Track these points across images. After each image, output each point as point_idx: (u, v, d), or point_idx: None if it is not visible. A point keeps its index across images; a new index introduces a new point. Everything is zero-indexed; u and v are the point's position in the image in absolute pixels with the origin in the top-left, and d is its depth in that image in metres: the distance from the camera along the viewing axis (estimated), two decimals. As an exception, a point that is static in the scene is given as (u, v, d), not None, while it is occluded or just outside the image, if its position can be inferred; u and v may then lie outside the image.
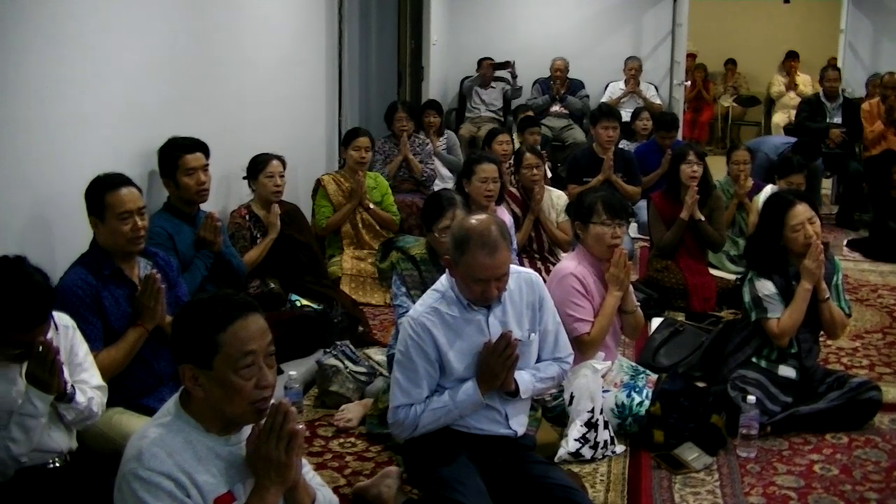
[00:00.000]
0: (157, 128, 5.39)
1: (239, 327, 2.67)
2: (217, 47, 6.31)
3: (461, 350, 3.83)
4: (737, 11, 16.47)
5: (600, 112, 8.96)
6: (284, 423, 2.72)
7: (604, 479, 4.47)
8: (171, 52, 5.64)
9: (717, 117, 16.64)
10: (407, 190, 8.73)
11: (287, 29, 7.65)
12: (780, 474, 4.54)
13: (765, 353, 5.12)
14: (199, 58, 6.02)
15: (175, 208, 5.34)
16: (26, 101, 4.28)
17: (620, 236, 5.03)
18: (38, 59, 4.35)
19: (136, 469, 2.58)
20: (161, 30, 5.53)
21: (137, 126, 5.28)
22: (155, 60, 5.45)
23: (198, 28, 6.00)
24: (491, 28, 12.82)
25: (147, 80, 5.37)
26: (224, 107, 6.40)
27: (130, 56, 5.19)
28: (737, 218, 8.05)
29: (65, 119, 4.58)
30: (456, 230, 3.82)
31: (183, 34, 5.79)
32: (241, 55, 6.70)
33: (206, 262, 5.34)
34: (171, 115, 5.60)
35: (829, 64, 12.63)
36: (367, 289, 7.07)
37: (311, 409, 5.22)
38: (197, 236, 5.35)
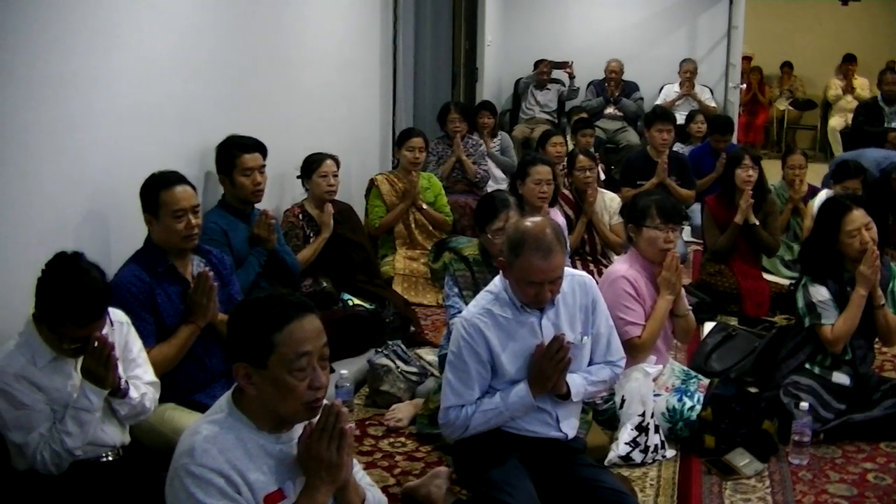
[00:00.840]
0: (213, 126, 5.43)
1: (295, 328, 2.67)
2: (273, 47, 6.35)
3: (513, 352, 3.83)
4: (794, 13, 16.33)
5: (655, 115, 8.92)
6: (336, 424, 2.72)
7: (654, 484, 4.46)
8: (226, 50, 5.68)
9: (772, 121, 16.50)
10: (460, 191, 8.73)
11: (342, 29, 7.68)
12: (832, 482, 4.51)
13: (818, 360, 5.08)
14: (254, 57, 6.06)
15: (230, 205, 5.37)
16: (82, 98, 4.32)
17: (673, 240, 5.01)
18: (94, 55, 4.39)
19: (188, 465, 2.60)
20: (217, 28, 5.57)
21: (193, 124, 5.32)
22: (210, 59, 5.49)
23: (254, 27, 6.04)
24: (545, 29, 12.80)
25: (203, 79, 5.41)
26: (279, 106, 6.44)
27: (187, 54, 5.23)
28: (791, 222, 7.99)
29: (120, 116, 4.62)
30: (511, 232, 3.82)
31: (239, 33, 5.83)
32: (297, 55, 6.74)
33: (260, 259, 5.37)
34: (227, 114, 5.65)
35: (888, 67, 12.51)
36: (419, 289, 7.08)
37: (361, 408, 5.24)
38: (251, 234, 5.38)
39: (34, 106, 4.01)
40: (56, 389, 3.52)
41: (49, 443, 3.47)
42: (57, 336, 3.45)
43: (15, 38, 3.89)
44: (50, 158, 4.13)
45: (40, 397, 3.48)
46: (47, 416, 3.50)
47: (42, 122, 4.06)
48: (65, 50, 4.20)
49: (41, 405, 3.48)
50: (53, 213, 4.17)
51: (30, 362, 3.47)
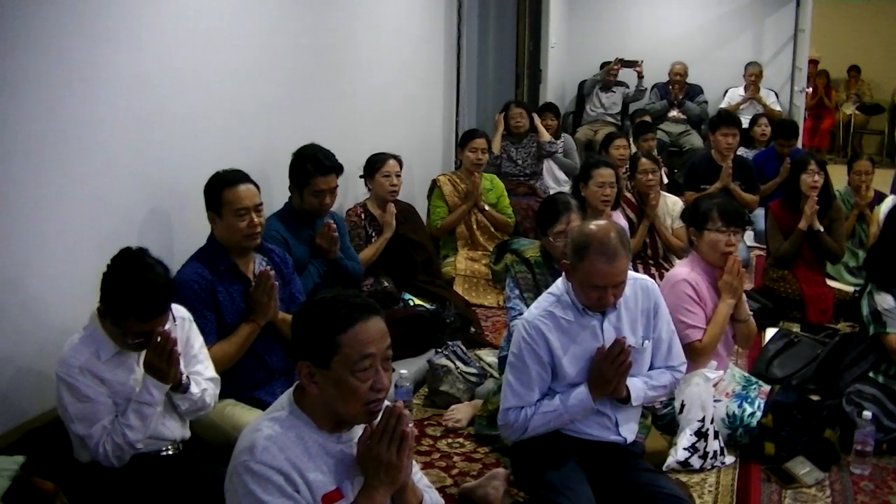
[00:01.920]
0: (277, 125, 5.49)
1: (360, 330, 2.68)
2: (337, 48, 6.40)
3: (574, 355, 3.84)
4: (861, 16, 16.13)
5: (720, 118, 8.88)
6: (397, 426, 2.73)
7: (712, 490, 4.43)
8: (293, 53, 5.74)
9: (838, 125, 16.33)
10: (522, 193, 8.73)
11: (406, 30, 7.71)
12: (895, 493, 4.45)
13: (882, 369, 5.03)
14: (319, 59, 6.11)
15: (295, 212, 5.40)
16: (148, 98, 4.39)
17: (735, 244, 4.98)
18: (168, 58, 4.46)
19: (247, 462, 2.62)
20: (283, 33, 5.63)
21: (258, 125, 5.39)
22: (278, 62, 5.55)
23: (318, 29, 6.10)
24: (609, 32, 12.76)
25: (269, 81, 5.48)
26: (343, 106, 6.49)
27: (249, 56, 5.30)
28: (857, 229, 7.90)
29: (184, 116, 4.69)
30: (576, 235, 3.82)
31: (305, 36, 5.89)
32: (361, 56, 6.79)
33: (320, 269, 5.38)
34: (291, 115, 5.71)
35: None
36: (480, 290, 7.08)
37: (420, 408, 5.26)
38: (313, 242, 5.41)
39: (107, 106, 4.09)
40: (119, 383, 3.57)
41: (111, 435, 3.52)
42: (121, 330, 3.49)
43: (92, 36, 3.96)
44: (116, 157, 4.21)
45: (103, 390, 3.54)
46: (110, 410, 3.55)
47: (112, 122, 4.14)
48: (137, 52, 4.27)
49: (104, 398, 3.54)
50: (118, 211, 4.24)
51: (94, 356, 3.53)
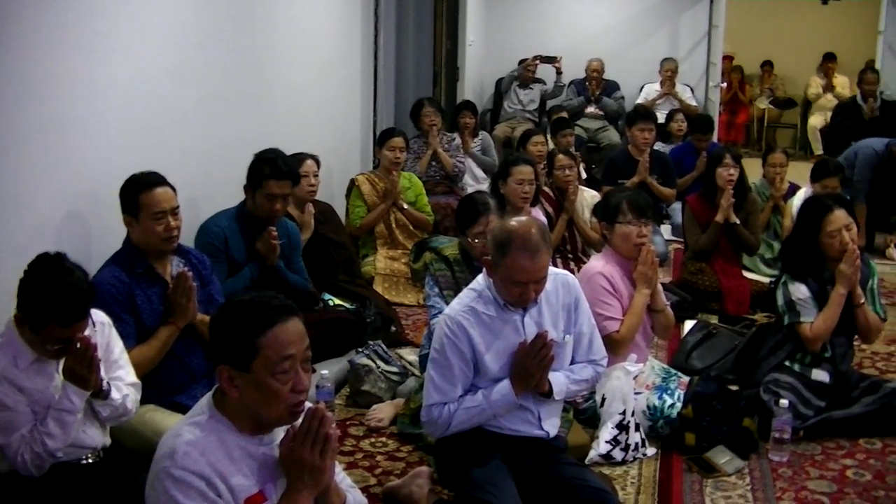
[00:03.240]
0: (194, 127, 5.44)
1: (279, 331, 2.66)
2: (254, 49, 6.35)
3: (497, 350, 3.84)
4: (774, 13, 16.36)
5: (636, 114, 8.99)
6: (320, 428, 2.71)
7: (635, 482, 4.47)
8: (208, 52, 5.67)
9: (753, 119, 16.55)
10: (441, 192, 8.75)
11: (323, 30, 7.68)
12: (812, 479, 4.53)
13: (798, 357, 5.10)
14: (236, 59, 6.06)
15: (245, 214, 5.34)
16: (64, 101, 4.32)
17: (647, 235, 5.02)
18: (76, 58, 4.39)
19: (168, 467, 2.58)
20: (197, 30, 5.56)
21: (175, 127, 5.32)
22: (191, 61, 5.49)
23: (233, 29, 6.04)
24: (527, 29, 12.82)
25: (186, 82, 5.41)
26: (261, 107, 6.44)
27: (167, 56, 5.23)
28: (772, 221, 8.02)
29: (99, 118, 4.62)
30: (497, 232, 3.82)
31: (219, 35, 5.83)
32: (278, 56, 6.74)
33: (254, 273, 5.30)
34: (209, 116, 5.66)
35: (867, 66, 12.56)
36: (400, 289, 7.08)
37: (342, 408, 5.24)
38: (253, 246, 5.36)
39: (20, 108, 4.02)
40: (38, 391, 3.51)
41: (30, 444, 3.46)
42: (39, 337, 3.43)
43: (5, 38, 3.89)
44: (31, 161, 4.14)
45: (22, 399, 3.48)
46: (29, 418, 3.49)
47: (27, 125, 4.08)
48: (52, 53, 4.20)
49: (23, 406, 3.48)
50: (34, 216, 4.18)
51: (11, 364, 3.47)
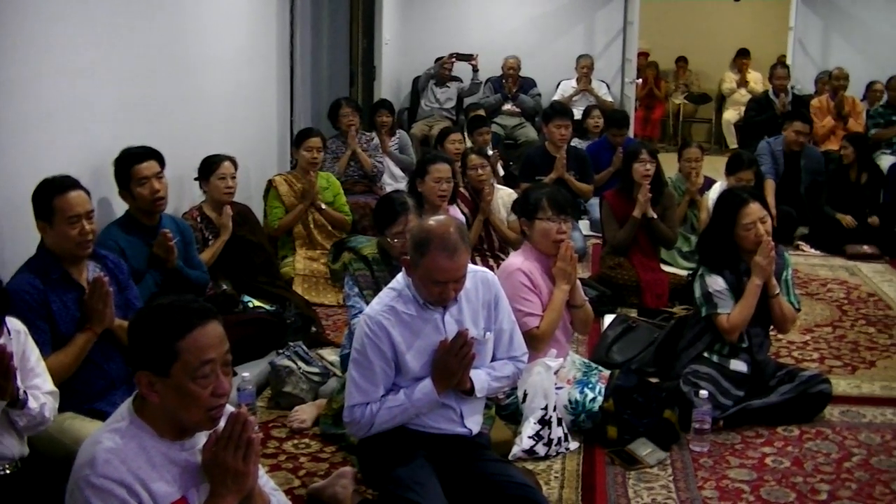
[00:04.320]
0: (107, 129, 5.35)
1: (198, 335, 2.64)
2: (167, 50, 6.27)
3: (418, 349, 3.83)
4: (688, 10, 16.53)
5: (552, 110, 9.02)
6: (243, 432, 2.69)
7: (558, 476, 4.49)
8: (120, 53, 5.60)
9: (668, 115, 16.70)
10: (359, 191, 8.74)
11: (238, 30, 7.62)
12: (732, 467, 4.59)
13: (716, 349, 5.16)
14: (149, 60, 5.98)
15: (132, 221, 5.26)
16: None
17: (566, 232, 5.04)
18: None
19: (88, 476, 2.55)
20: (110, 31, 5.49)
21: (87, 129, 5.24)
22: (104, 61, 5.41)
23: (147, 28, 5.96)
24: (443, 27, 12.82)
25: (96, 82, 5.33)
26: (175, 109, 6.37)
27: (81, 55, 5.15)
28: (688, 214, 8.11)
29: (11, 120, 4.54)
30: (416, 231, 3.81)
31: (132, 35, 5.75)
32: (192, 57, 6.67)
33: (157, 278, 5.23)
34: (121, 117, 5.58)
35: (779, 61, 12.75)
36: (319, 289, 7.05)
37: (264, 410, 5.20)
38: (151, 252, 5.29)
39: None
40: (-47, 402, 3.45)
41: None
42: (-46, 346, 3.37)
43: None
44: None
45: (-64, 409, 3.41)
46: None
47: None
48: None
49: (-63, 419, 3.41)
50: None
51: (-76, 374, 3.40)
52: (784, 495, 4.34)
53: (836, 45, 13.13)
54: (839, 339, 6.59)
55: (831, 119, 11.09)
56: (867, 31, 13.07)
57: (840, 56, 12.69)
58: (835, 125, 10.99)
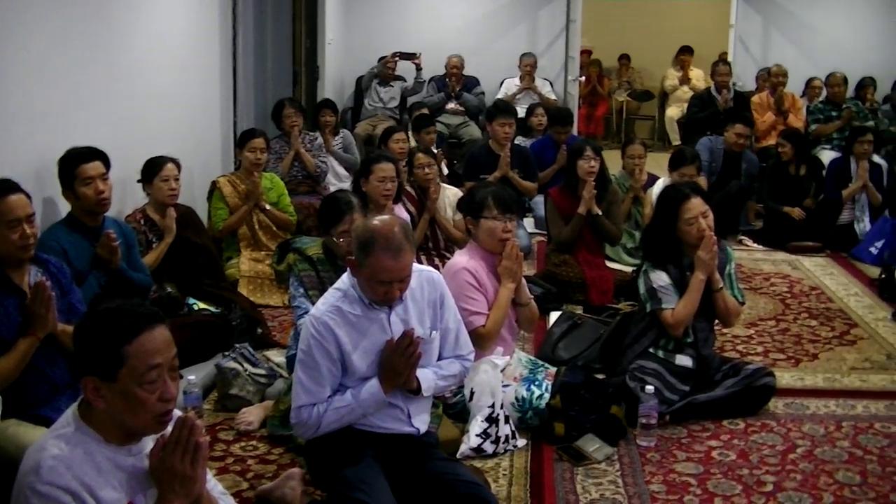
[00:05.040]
0: (49, 131, 5.30)
1: (145, 340, 2.62)
2: (110, 49, 6.22)
3: (364, 349, 3.82)
4: (630, 7, 16.64)
5: (496, 109, 9.04)
6: (190, 437, 2.68)
7: (507, 474, 4.50)
8: (63, 54, 5.55)
9: (611, 112, 16.80)
10: (303, 191, 8.71)
11: (180, 30, 7.56)
12: (679, 461, 4.63)
13: (662, 344, 5.19)
14: (91, 60, 5.92)
15: (75, 221, 5.20)
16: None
17: (511, 230, 5.07)
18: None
19: (33, 483, 2.52)
20: (53, 32, 5.44)
21: (27, 130, 5.18)
22: (47, 64, 5.36)
23: (90, 30, 5.91)
24: (386, 26, 12.80)
25: (40, 84, 5.28)
26: (118, 110, 6.31)
27: (22, 59, 5.09)
28: (632, 211, 8.16)
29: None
30: (360, 231, 3.81)
31: (74, 36, 5.70)
32: (135, 57, 6.61)
33: (101, 280, 5.19)
34: (64, 119, 5.52)
35: (721, 59, 12.85)
36: (265, 290, 7.01)
37: (211, 413, 5.17)
38: (95, 253, 5.24)
39: None
40: None
41: None
42: None
43: None
44: None
45: None
46: None
47: None
48: None
49: None
50: None
51: None
52: (730, 488, 4.38)
53: (776, 43, 13.27)
54: (783, 332, 6.67)
55: (772, 115, 11.20)
56: (806, 29, 13.24)
57: (780, 53, 12.85)
58: (775, 121, 11.10)
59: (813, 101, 11.61)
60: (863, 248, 8.81)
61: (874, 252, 8.62)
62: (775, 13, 13.26)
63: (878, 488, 4.42)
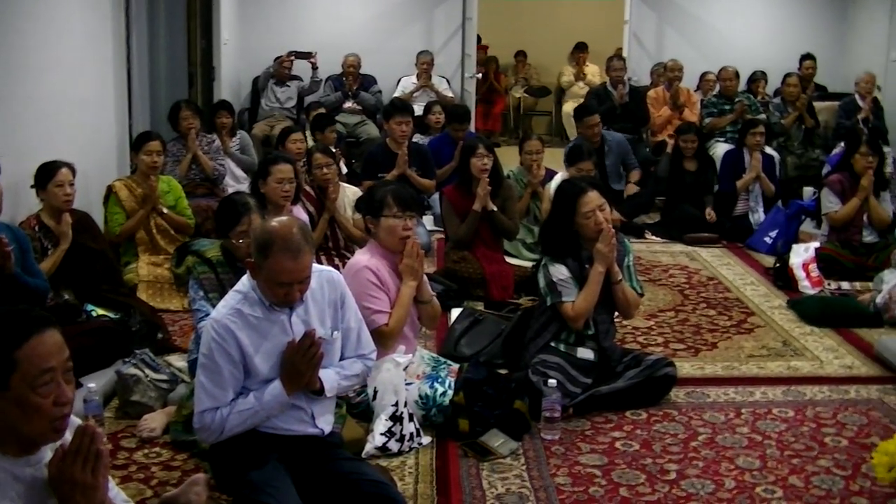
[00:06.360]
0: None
1: (37, 343, 2.56)
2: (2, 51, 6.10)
3: (266, 351, 3.80)
4: (525, 5, 16.76)
5: (393, 107, 9.04)
6: (91, 445, 2.63)
7: (412, 472, 4.51)
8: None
9: (509, 108, 16.90)
10: (201, 194, 8.62)
11: (71, 32, 7.44)
12: (584, 453, 4.68)
13: (563, 337, 5.24)
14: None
15: None
16: None
17: (412, 228, 5.08)
18: None
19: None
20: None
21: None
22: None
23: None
24: (282, 26, 12.72)
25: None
26: (9, 113, 6.20)
27: None
28: (531, 206, 8.20)
29: None
30: (259, 233, 3.79)
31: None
32: (26, 60, 6.50)
33: None
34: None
35: (616, 54, 13.00)
36: (164, 295, 6.93)
37: (112, 420, 5.09)
38: None
39: None
40: None
41: None
42: None
43: None
44: None
45: None
46: None
47: None
48: None
49: None
50: None
51: None
52: (635, 477, 4.44)
53: (669, 38, 13.46)
54: (682, 322, 6.77)
55: (668, 109, 11.37)
56: (699, 24, 13.47)
57: (674, 48, 13.03)
58: (671, 115, 11.27)
59: (707, 95, 11.79)
60: (757, 238, 9.01)
61: (769, 242, 8.83)
62: (668, 9, 13.45)
63: (777, 472, 4.52)
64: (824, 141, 11.08)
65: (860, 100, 11.11)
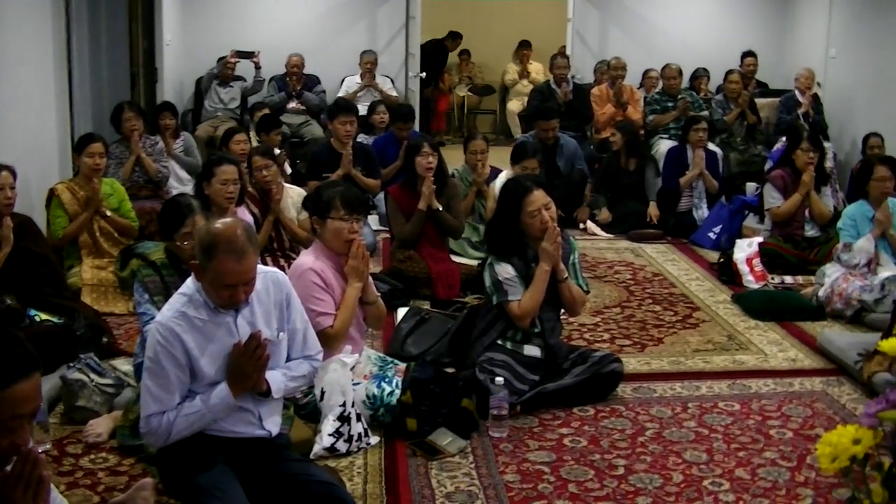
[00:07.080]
0: None
1: (19, 389, 2.49)
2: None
3: (211, 354, 3.79)
4: (469, 3, 16.77)
5: (337, 107, 9.05)
6: (33, 471, 2.56)
7: (361, 472, 4.51)
8: None
9: (453, 107, 16.92)
10: (145, 196, 8.56)
11: (10, 32, 7.36)
12: (532, 450, 4.71)
13: (510, 335, 5.26)
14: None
15: None
16: None
17: (358, 230, 5.08)
18: None
19: None
20: None
21: None
22: None
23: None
24: (225, 27, 12.65)
25: None
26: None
27: None
28: (476, 205, 8.22)
29: None
30: (203, 235, 3.77)
31: None
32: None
33: None
34: None
35: (559, 52, 13.06)
36: (109, 298, 6.88)
37: (57, 426, 5.03)
38: None
39: None
40: None
41: None
42: None
43: None
44: None
45: None
46: None
47: None
48: None
49: None
50: None
51: None
52: (583, 473, 4.47)
53: (612, 36, 13.52)
54: (628, 318, 6.82)
55: (612, 107, 11.43)
56: (642, 22, 13.54)
57: (617, 46, 13.08)
58: (615, 113, 11.33)
59: (650, 93, 11.88)
60: (702, 233, 9.10)
61: (713, 237, 8.93)
62: (612, 7, 13.51)
63: (724, 465, 4.58)
64: (766, 137, 11.18)
65: (800, 96, 11.21)
